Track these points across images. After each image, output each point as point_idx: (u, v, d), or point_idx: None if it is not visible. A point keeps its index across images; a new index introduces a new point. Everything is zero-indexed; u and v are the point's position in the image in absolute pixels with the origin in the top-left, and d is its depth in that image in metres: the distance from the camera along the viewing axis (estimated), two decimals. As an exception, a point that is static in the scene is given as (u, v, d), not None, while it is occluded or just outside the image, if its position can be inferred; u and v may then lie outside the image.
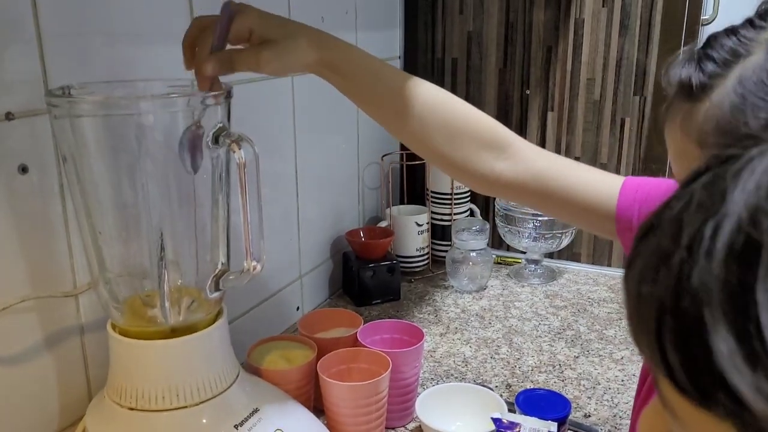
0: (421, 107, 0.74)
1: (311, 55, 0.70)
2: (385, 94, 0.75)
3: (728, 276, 0.29)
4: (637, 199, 0.72)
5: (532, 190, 0.76)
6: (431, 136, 0.75)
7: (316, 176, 1.27)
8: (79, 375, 0.82)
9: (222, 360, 0.75)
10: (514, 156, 0.76)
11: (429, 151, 0.77)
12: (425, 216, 1.45)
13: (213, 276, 0.73)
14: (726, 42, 0.51)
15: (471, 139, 0.75)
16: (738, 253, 0.29)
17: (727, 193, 0.30)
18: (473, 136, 0.75)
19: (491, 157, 0.75)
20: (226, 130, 0.68)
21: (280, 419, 0.77)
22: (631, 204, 0.72)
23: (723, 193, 0.30)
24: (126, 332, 0.72)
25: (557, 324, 1.26)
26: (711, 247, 0.29)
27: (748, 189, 0.30)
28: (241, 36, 0.67)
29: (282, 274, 1.21)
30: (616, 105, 1.40)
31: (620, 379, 1.08)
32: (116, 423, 0.72)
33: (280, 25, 0.70)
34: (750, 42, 0.50)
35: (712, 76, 0.50)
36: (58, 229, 0.77)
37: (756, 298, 0.28)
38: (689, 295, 0.30)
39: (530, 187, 0.76)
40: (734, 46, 0.50)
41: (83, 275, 0.79)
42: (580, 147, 1.46)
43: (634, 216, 0.72)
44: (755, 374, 0.28)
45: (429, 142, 0.75)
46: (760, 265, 0.28)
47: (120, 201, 0.70)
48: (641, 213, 0.72)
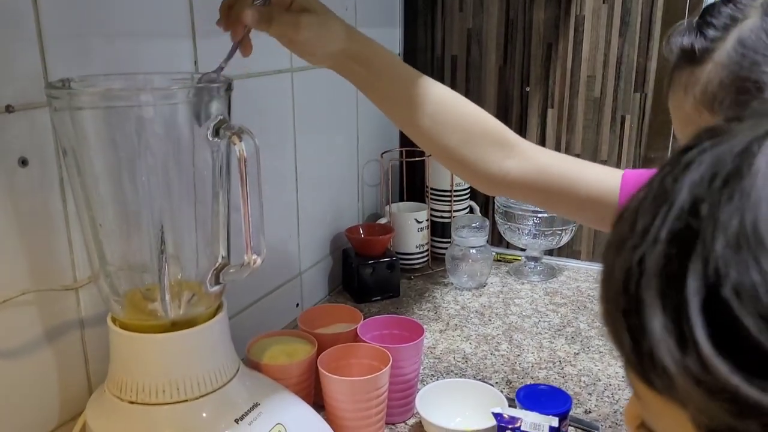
0: (435, 106, 0.76)
1: (343, 40, 0.72)
2: (403, 90, 0.76)
3: (666, 261, 0.30)
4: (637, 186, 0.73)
5: (537, 187, 0.78)
6: (443, 134, 0.76)
7: (315, 173, 1.26)
8: (80, 369, 0.82)
9: (222, 354, 0.75)
10: (520, 154, 0.78)
11: (439, 149, 0.78)
12: (425, 213, 1.44)
13: (213, 269, 0.72)
14: (724, 9, 0.55)
15: (481, 138, 0.77)
16: (677, 240, 0.30)
17: (677, 182, 0.32)
18: (483, 135, 0.77)
19: (500, 155, 0.77)
20: (227, 122, 0.68)
21: (281, 414, 0.77)
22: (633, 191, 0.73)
23: (675, 181, 0.32)
24: (126, 326, 0.72)
25: (557, 321, 1.26)
26: (657, 234, 0.31)
27: (693, 179, 0.31)
28: (283, 0, 0.69)
29: (281, 271, 1.21)
30: (616, 102, 1.40)
31: (621, 375, 1.08)
32: (117, 417, 0.72)
33: (321, 3, 0.71)
34: (746, 7, 0.54)
35: (713, 39, 0.54)
36: (59, 223, 0.76)
37: (686, 283, 0.29)
38: (634, 279, 0.31)
39: (536, 184, 0.77)
40: (731, 11, 0.55)
41: (83, 269, 0.79)
42: (580, 144, 1.46)
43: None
44: (684, 355, 0.29)
45: (440, 140, 0.77)
46: (694, 252, 0.30)
47: (120, 194, 0.70)
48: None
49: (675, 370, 0.29)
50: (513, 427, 0.78)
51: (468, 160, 0.77)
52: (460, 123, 0.76)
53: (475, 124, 0.77)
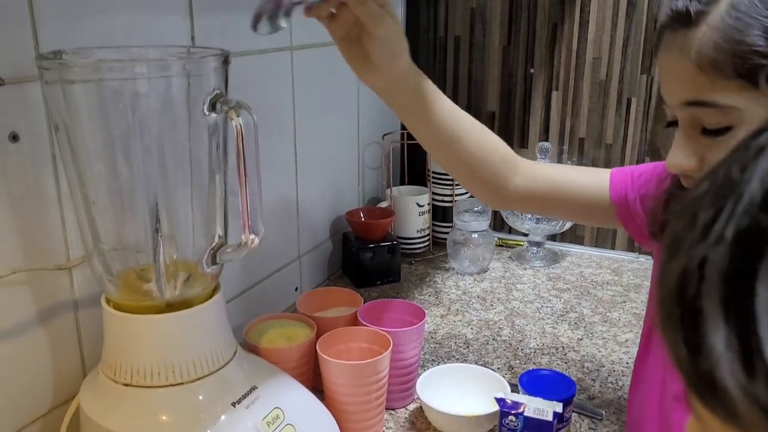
0: (467, 137, 0.82)
1: (408, 60, 0.75)
2: (446, 126, 0.81)
3: (732, 264, 0.26)
4: (625, 180, 0.81)
5: (542, 197, 0.86)
6: (469, 160, 0.83)
7: (315, 155, 1.24)
8: (73, 351, 0.80)
9: (219, 336, 0.73)
10: (526, 170, 0.86)
11: (461, 171, 0.86)
12: (426, 197, 1.42)
13: (210, 249, 0.70)
14: None
15: (499, 163, 0.85)
16: (745, 240, 0.26)
17: (746, 171, 0.27)
18: (501, 161, 0.85)
19: (510, 175, 0.86)
20: (224, 96, 0.65)
21: (279, 398, 0.75)
22: (622, 186, 0.81)
23: (744, 170, 0.27)
24: (120, 306, 0.70)
25: (560, 306, 1.24)
26: (721, 232, 0.27)
27: (765, 168, 0.27)
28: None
29: (280, 254, 1.19)
30: (622, 84, 1.38)
31: (624, 361, 1.06)
32: (111, 399, 0.70)
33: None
34: None
35: (707, 3, 0.55)
36: (51, 200, 0.74)
37: (755, 291, 0.25)
38: (693, 284, 0.27)
39: (541, 195, 0.86)
40: None
41: (77, 249, 0.77)
42: (585, 127, 1.44)
43: (628, 193, 0.80)
44: (749, 379, 0.25)
45: (465, 165, 0.84)
46: (766, 255, 0.25)
47: (114, 171, 0.68)
48: (634, 187, 0.80)
49: (739, 397, 0.25)
50: (516, 412, 0.76)
51: (487, 181, 0.85)
52: (483, 152, 0.84)
53: (495, 151, 0.85)
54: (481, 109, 1.52)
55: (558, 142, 1.48)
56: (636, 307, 1.24)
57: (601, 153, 1.44)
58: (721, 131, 0.57)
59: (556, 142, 1.48)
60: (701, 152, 0.60)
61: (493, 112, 1.52)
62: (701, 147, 0.59)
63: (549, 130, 1.47)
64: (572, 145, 1.47)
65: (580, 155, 1.46)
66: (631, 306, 1.24)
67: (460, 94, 1.53)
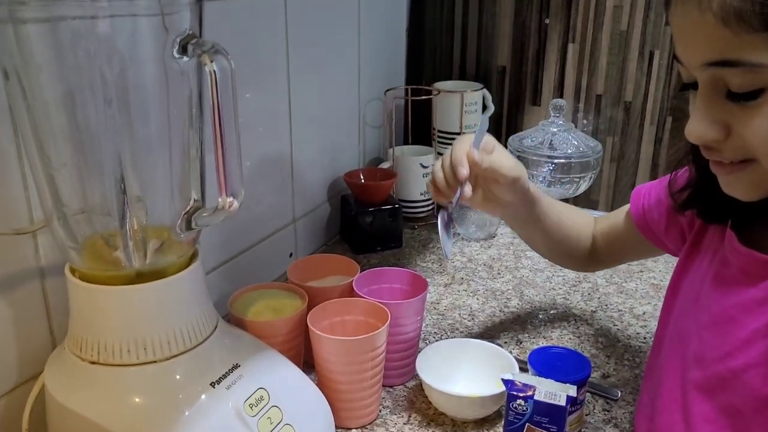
0: (566, 229, 0.91)
1: (519, 169, 0.80)
2: (553, 227, 0.89)
3: None
4: (641, 194, 0.83)
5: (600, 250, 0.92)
6: (560, 244, 0.92)
7: (312, 112, 1.16)
8: (41, 323, 0.73)
9: (196, 309, 0.66)
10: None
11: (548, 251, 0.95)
12: (431, 157, 1.34)
13: (184, 213, 0.63)
14: None
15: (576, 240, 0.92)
16: None
17: None
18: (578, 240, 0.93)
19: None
20: (197, 38, 0.57)
21: (264, 377, 0.69)
22: (638, 201, 0.82)
23: None
24: (86, 276, 0.63)
25: (572, 276, 1.17)
26: None
27: None
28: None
29: (273, 218, 1.12)
30: (645, 36, 1.28)
31: (642, 336, 0.99)
32: (77, 378, 0.64)
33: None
34: None
35: None
36: (10, 156, 0.67)
37: None
38: None
39: (599, 248, 0.92)
40: None
41: (42, 211, 0.69)
42: (602, 83, 1.35)
43: (644, 203, 0.81)
44: None
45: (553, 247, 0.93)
46: None
47: (73, 124, 0.59)
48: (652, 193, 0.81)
49: None
50: (525, 396, 0.69)
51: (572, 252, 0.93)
52: (573, 234, 0.91)
53: (583, 229, 0.92)
54: (491, 63, 1.43)
55: (573, 99, 1.38)
56: (654, 278, 1.16)
57: (619, 111, 1.35)
58: (750, 95, 0.49)
59: (572, 99, 1.39)
60: (726, 120, 0.52)
61: (504, 66, 1.42)
62: (726, 114, 0.51)
63: (564, 86, 1.38)
64: (588, 103, 1.38)
65: (596, 114, 1.38)
66: (649, 276, 1.17)
67: (469, 48, 1.43)
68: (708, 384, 0.61)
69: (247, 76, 0.97)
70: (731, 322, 0.59)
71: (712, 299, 0.63)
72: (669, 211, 0.76)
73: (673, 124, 1.32)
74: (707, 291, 0.64)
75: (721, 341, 0.60)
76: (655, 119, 1.33)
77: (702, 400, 0.61)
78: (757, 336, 0.56)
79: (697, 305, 0.65)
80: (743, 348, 0.58)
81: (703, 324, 0.63)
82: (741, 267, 0.60)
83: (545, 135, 1.32)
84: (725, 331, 0.60)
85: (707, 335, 0.62)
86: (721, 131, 0.52)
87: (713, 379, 0.60)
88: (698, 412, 0.61)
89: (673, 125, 1.32)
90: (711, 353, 0.61)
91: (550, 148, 1.30)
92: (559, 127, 1.32)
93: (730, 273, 0.62)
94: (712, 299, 0.63)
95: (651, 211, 0.80)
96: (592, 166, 1.31)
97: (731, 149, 0.53)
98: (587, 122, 1.39)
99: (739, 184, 0.55)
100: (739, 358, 0.58)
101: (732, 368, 0.58)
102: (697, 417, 0.61)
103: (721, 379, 0.59)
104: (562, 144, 1.30)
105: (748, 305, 0.58)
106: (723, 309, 0.61)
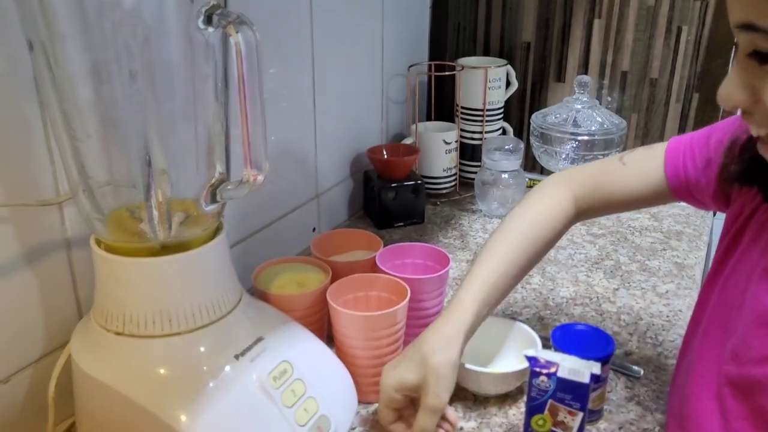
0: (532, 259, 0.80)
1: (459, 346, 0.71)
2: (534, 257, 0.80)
3: None
4: (679, 158, 0.74)
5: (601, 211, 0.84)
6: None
7: (335, 87, 1.15)
8: (67, 294, 0.74)
9: (221, 282, 0.66)
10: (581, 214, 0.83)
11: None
12: (454, 133, 1.33)
13: (209, 186, 0.63)
14: None
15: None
16: None
17: None
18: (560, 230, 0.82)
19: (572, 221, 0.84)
20: (221, 8, 0.56)
21: (287, 349, 0.69)
22: (680, 171, 0.74)
23: None
24: (112, 248, 0.63)
25: (595, 253, 1.16)
26: None
27: None
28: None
29: (297, 193, 1.12)
30: (673, 11, 1.25)
31: (665, 314, 0.98)
32: (102, 349, 0.64)
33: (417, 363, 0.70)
34: None
35: None
36: (36, 128, 0.67)
37: None
38: None
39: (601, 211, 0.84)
40: None
41: (67, 183, 0.70)
42: (628, 60, 1.32)
43: (688, 172, 0.73)
44: None
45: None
46: None
47: (98, 96, 0.59)
48: (695, 159, 0.73)
49: None
50: (548, 372, 0.68)
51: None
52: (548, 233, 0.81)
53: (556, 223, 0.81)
54: (515, 39, 1.41)
55: (598, 75, 1.36)
56: (677, 256, 1.15)
57: (645, 89, 1.33)
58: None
59: (596, 76, 1.37)
60: (754, 84, 0.50)
61: (529, 42, 1.40)
62: (756, 79, 0.50)
63: (589, 62, 1.36)
64: (613, 80, 1.35)
65: (621, 90, 1.35)
66: (672, 254, 1.15)
67: (493, 24, 1.41)
68: (743, 383, 0.58)
69: (272, 52, 0.97)
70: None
71: (758, 297, 0.59)
72: (722, 175, 0.69)
73: (699, 101, 1.30)
74: (756, 284, 0.60)
75: (759, 343, 0.57)
76: (681, 96, 1.30)
77: (737, 398, 0.59)
78: None
79: (744, 296, 0.61)
80: None
81: (746, 320, 0.59)
82: None
83: (569, 112, 1.31)
84: (766, 334, 0.57)
85: (748, 333, 0.59)
86: (747, 95, 0.51)
87: (749, 380, 0.57)
88: (734, 408, 0.59)
89: (699, 102, 1.30)
90: (749, 353, 0.58)
91: (573, 125, 1.29)
92: (584, 104, 1.30)
93: None
94: (758, 297, 0.59)
95: (698, 176, 0.73)
96: (616, 144, 1.29)
97: (759, 116, 0.51)
98: (612, 99, 1.37)
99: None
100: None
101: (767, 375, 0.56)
102: (733, 412, 0.59)
103: (756, 383, 0.57)
104: (585, 121, 1.29)
105: None
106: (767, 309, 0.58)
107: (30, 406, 0.72)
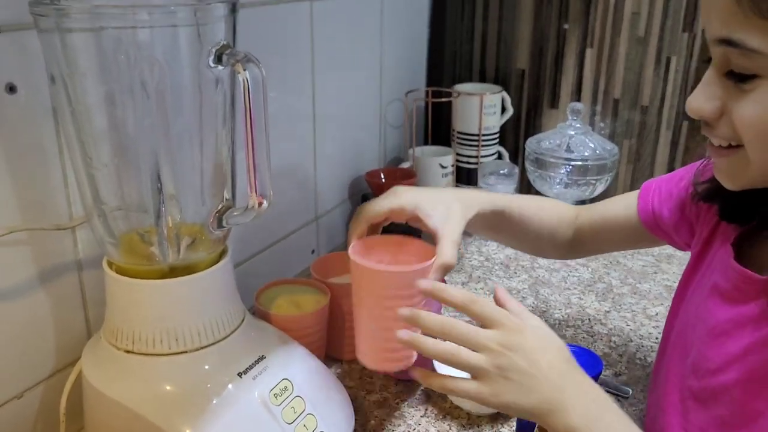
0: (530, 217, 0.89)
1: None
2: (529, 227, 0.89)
3: None
4: (651, 192, 0.83)
5: (586, 240, 0.92)
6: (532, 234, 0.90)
7: (335, 112, 1.19)
8: (77, 313, 0.77)
9: (225, 303, 0.70)
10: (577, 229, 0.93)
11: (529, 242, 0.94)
12: (450, 157, 1.37)
13: (216, 212, 0.66)
14: None
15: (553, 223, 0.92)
16: None
17: None
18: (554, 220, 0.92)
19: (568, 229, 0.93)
20: (230, 48, 0.60)
21: (288, 368, 0.72)
22: (648, 200, 0.82)
23: None
24: (122, 270, 0.66)
25: (587, 276, 1.19)
26: None
27: None
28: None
29: (296, 215, 1.15)
30: (662, 42, 1.30)
31: (654, 336, 1.01)
32: (112, 366, 0.67)
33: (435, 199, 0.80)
34: None
35: None
36: (52, 156, 0.70)
37: None
38: None
39: (586, 238, 0.92)
40: None
41: (80, 207, 0.73)
42: (620, 87, 1.36)
43: (654, 205, 0.81)
44: None
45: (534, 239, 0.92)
46: None
47: (113, 127, 0.63)
48: (664, 192, 0.81)
49: None
50: (538, 391, 0.71)
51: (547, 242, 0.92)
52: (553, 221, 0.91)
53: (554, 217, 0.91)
54: (510, 67, 1.45)
55: (591, 102, 1.40)
56: (668, 279, 1.18)
57: (636, 115, 1.37)
58: (746, 78, 0.49)
59: (589, 103, 1.41)
60: (723, 98, 0.52)
61: (523, 70, 1.45)
62: (724, 93, 0.52)
63: (582, 89, 1.40)
64: (606, 106, 1.39)
65: (613, 117, 1.39)
66: (663, 277, 1.19)
67: (488, 52, 1.46)
68: (702, 394, 0.62)
69: (273, 76, 1.00)
70: (723, 336, 0.60)
71: (710, 311, 0.64)
72: (680, 206, 0.76)
73: (688, 128, 1.34)
74: (706, 302, 0.65)
75: (713, 354, 0.61)
76: (671, 123, 1.34)
77: (698, 409, 0.63)
78: (746, 353, 0.58)
79: (698, 314, 0.66)
80: (733, 363, 0.59)
81: (701, 335, 0.64)
82: (735, 284, 0.61)
83: (563, 137, 1.34)
84: (718, 345, 0.61)
85: (703, 347, 0.63)
86: (715, 108, 0.53)
87: (707, 391, 0.61)
88: (695, 420, 0.63)
89: (688, 129, 1.34)
90: (705, 365, 0.62)
91: (567, 150, 1.32)
92: (577, 129, 1.34)
93: (726, 288, 0.62)
94: (710, 311, 0.63)
95: (661, 208, 0.79)
96: (609, 169, 1.33)
97: (722, 129, 0.53)
98: (604, 125, 1.41)
99: (724, 167, 0.56)
100: (728, 373, 0.59)
101: (723, 383, 0.59)
102: (694, 425, 0.63)
103: (713, 392, 0.60)
104: (579, 146, 1.33)
105: (739, 321, 0.59)
106: (718, 323, 0.62)
107: (42, 420, 0.75)
